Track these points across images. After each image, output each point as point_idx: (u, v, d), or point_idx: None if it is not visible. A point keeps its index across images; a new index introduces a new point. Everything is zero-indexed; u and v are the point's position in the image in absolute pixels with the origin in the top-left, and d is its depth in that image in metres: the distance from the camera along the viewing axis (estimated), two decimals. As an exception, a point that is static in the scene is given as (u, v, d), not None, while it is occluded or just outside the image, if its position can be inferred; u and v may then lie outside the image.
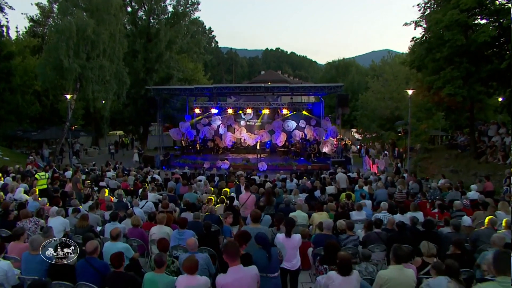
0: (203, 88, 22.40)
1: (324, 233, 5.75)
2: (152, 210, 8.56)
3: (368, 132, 25.49)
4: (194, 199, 10.01)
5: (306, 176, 16.38)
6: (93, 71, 21.06)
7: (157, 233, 5.88)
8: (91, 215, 6.89)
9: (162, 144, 23.49)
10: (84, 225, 5.96)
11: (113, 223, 6.07)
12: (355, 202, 9.26)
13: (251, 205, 8.30)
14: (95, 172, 16.49)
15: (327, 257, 4.41)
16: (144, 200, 8.62)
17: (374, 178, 14.52)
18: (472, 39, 11.53)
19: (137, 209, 7.82)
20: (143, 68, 25.94)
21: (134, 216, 6.04)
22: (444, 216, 7.15)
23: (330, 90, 21.86)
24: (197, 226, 6.31)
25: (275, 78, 52.20)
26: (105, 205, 7.98)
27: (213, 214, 7.73)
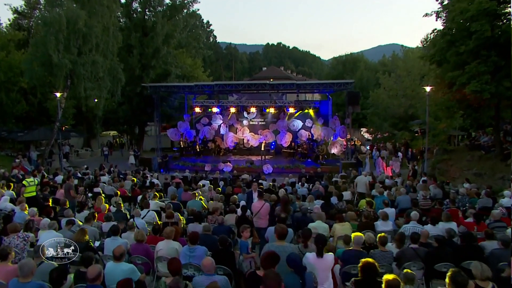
0: (204, 85, 22.00)
1: (354, 249, 5.34)
2: (155, 220, 8.16)
3: (379, 132, 25.08)
4: (200, 207, 9.58)
5: (317, 180, 16.05)
6: (85, 67, 20.60)
7: (164, 249, 5.47)
8: (87, 228, 6.46)
9: (159, 145, 23.04)
10: (82, 240, 5.54)
11: (114, 238, 5.66)
12: (376, 210, 8.89)
13: (265, 215, 7.91)
14: (89, 177, 16.08)
15: (365, 280, 4.00)
16: (146, 210, 8.18)
17: (391, 182, 14.15)
18: (503, 30, 11.11)
19: (138, 220, 7.41)
20: (139, 64, 25.51)
21: (138, 231, 5.61)
22: (482, 228, 6.74)
23: (339, 87, 21.52)
24: (209, 241, 5.89)
25: (278, 75, 51.81)
26: (103, 215, 7.55)
27: (223, 225, 7.32)
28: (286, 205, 7.60)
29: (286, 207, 7.58)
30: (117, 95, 22.36)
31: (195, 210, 7.94)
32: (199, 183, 14.65)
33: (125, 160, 26.92)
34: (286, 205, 7.59)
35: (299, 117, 25.84)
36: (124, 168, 20.72)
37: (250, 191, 10.03)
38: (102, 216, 7.80)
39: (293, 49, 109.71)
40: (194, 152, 24.72)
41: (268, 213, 7.98)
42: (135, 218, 7.43)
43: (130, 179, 14.60)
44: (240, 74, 76.23)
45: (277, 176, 19.64)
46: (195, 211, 7.99)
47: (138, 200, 10.98)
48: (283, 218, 5.87)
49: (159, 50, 25.58)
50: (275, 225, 4.58)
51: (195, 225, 7.15)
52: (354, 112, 22.42)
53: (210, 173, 17.30)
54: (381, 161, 18.75)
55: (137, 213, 7.55)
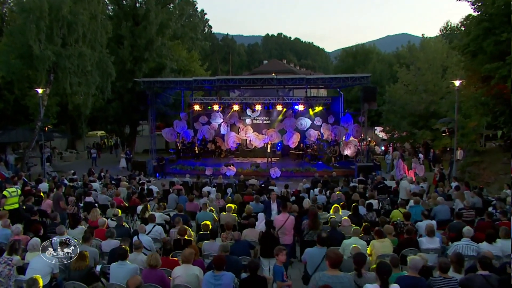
0: (204, 80, 21.47)
1: (410, 275, 4.83)
2: (162, 237, 7.64)
3: (397, 131, 24.65)
4: (211, 220, 9.07)
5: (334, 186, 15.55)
6: (71, 60, 19.98)
7: (182, 276, 4.96)
8: (86, 249, 5.92)
9: (154, 147, 22.49)
10: (82, 267, 5.01)
11: (122, 263, 5.12)
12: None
13: (290, 230, 7.44)
14: (77, 183, 15.52)
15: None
16: (151, 224, 7.65)
17: (417, 188, 13.66)
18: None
19: (143, 237, 6.89)
20: (130, 57, 24.91)
21: (152, 254, 5.07)
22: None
23: (354, 81, 21.07)
24: (233, 265, 5.37)
25: (280, 68, 51.37)
26: (102, 232, 7.03)
27: (241, 241, 6.82)
28: (315, 218, 7.11)
29: (315, 221, 7.09)
30: (108, 92, 21.78)
31: (208, 225, 7.40)
32: (204, 189, 14.14)
33: (115, 163, 26.39)
34: (315, 219, 7.10)
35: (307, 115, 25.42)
36: (116, 173, 20.20)
37: (267, 201, 9.49)
38: (100, 232, 7.28)
39: (295, 40, 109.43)
40: (193, 154, 24.21)
41: (293, 228, 7.50)
42: (140, 235, 6.91)
43: (125, 186, 14.15)
44: (238, 68, 75.71)
45: (285, 181, 19.24)
46: (208, 226, 7.46)
47: (137, 211, 10.44)
48: (324, 238, 5.35)
49: (152, 41, 25.00)
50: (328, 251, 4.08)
51: (211, 243, 6.64)
52: (371, 109, 21.94)
53: (214, 178, 16.73)
54: (402, 163, 18.26)
55: (142, 228, 7.03)
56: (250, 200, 12.29)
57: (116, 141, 34.86)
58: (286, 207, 7.49)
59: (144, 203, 10.09)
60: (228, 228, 7.33)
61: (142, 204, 10.31)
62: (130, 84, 24.81)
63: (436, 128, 21.66)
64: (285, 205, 7.49)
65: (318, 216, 7.50)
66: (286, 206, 7.49)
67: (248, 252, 6.65)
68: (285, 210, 7.45)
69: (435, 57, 22.29)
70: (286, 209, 7.46)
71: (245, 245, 6.69)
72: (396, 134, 25.48)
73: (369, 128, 33.35)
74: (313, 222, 7.06)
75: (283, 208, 7.47)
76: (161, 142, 29.05)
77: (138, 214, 10.27)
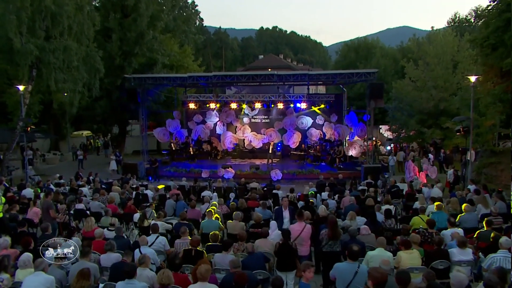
0: (199, 76, 21.14)
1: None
2: (166, 248, 7.35)
3: (405, 130, 24.54)
4: (217, 229, 8.79)
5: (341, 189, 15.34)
6: (56, 54, 19.52)
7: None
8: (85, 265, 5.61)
9: (145, 148, 22.14)
10: (84, 287, 4.69)
11: (129, 282, 4.82)
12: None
13: (307, 240, 7.19)
14: (64, 188, 15.14)
15: None
16: (154, 235, 7.34)
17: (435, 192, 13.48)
18: None
19: (146, 249, 6.59)
20: (119, 52, 24.50)
21: (163, 272, 4.76)
22: None
23: (359, 77, 20.86)
24: (250, 281, 5.09)
25: (277, 64, 51.12)
26: (100, 244, 6.71)
27: (255, 254, 6.54)
28: (335, 227, 6.84)
29: (335, 230, 6.83)
30: (95, 89, 21.36)
31: (217, 235, 7.12)
32: (203, 194, 13.87)
33: (103, 165, 25.95)
34: (335, 228, 6.83)
35: (308, 113, 25.23)
36: (105, 176, 19.81)
37: (278, 208, 9.22)
38: (98, 244, 6.96)
39: (291, 34, 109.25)
40: (187, 156, 23.88)
41: (310, 238, 7.26)
42: (142, 248, 6.60)
43: (118, 191, 13.81)
44: (231, 64, 75.35)
45: (287, 184, 18.99)
46: (217, 236, 7.18)
47: (134, 219, 10.12)
48: (356, 252, 5.09)
49: (143, 34, 24.62)
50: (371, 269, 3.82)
51: (223, 256, 6.35)
52: (377, 107, 21.77)
53: (213, 181, 16.42)
54: (412, 164, 18.13)
55: (143, 240, 6.72)
56: (255, 206, 12.05)
57: (105, 141, 34.41)
58: (302, 215, 7.24)
59: (142, 211, 9.77)
60: (241, 239, 7.05)
61: (139, 211, 9.99)
62: (119, 80, 24.43)
63: (447, 127, 21.55)
64: (301, 213, 7.25)
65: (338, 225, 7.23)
66: (302, 215, 7.24)
67: (263, 265, 6.38)
68: (301, 218, 7.20)
69: (445, 51, 22.17)
70: (302, 217, 7.21)
71: (260, 258, 6.42)
72: (403, 133, 25.37)
73: (373, 127, 33.33)
74: (333, 231, 6.80)
75: (299, 216, 7.22)
76: (153, 142, 28.67)
77: (136, 222, 9.98)
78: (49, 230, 7.57)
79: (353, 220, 8.88)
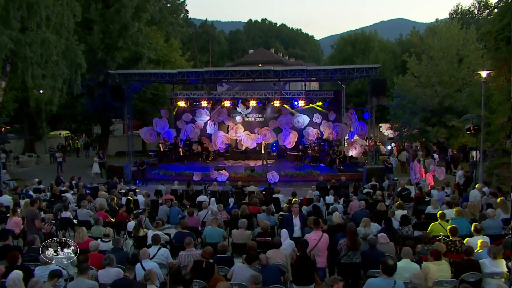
0: (190, 72, 20.83)
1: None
2: (169, 261, 7.08)
3: (407, 128, 24.59)
4: (221, 238, 8.56)
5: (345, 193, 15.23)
6: (33, 48, 18.87)
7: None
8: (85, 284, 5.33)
9: (131, 149, 21.77)
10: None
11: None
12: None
13: (324, 251, 7.01)
14: (45, 195, 14.72)
15: None
16: (155, 247, 7.07)
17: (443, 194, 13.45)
18: None
19: (149, 264, 6.34)
20: (102, 45, 24.00)
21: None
22: None
23: (361, 73, 20.87)
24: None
25: (268, 59, 50.99)
26: (98, 258, 6.42)
27: (269, 266, 6.31)
28: (355, 237, 6.67)
29: (355, 240, 6.65)
30: (77, 85, 20.86)
31: (226, 246, 6.87)
32: (200, 199, 13.62)
33: (84, 168, 25.48)
34: (354, 237, 6.66)
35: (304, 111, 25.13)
36: (88, 180, 19.39)
37: (287, 215, 9.00)
38: (94, 258, 6.65)
39: (281, 26, 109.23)
40: (177, 157, 23.56)
41: (328, 248, 7.07)
42: (143, 261, 6.33)
43: (105, 197, 13.45)
44: (219, 58, 74.91)
45: (285, 186, 18.86)
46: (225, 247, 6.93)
47: (128, 228, 9.80)
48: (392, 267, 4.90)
49: (127, 26, 24.13)
50: None
51: (243, 268, 6.09)
52: (380, 104, 21.78)
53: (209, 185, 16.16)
54: (418, 165, 18.11)
55: (145, 253, 6.46)
56: (256, 212, 11.85)
57: (86, 141, 33.85)
58: (318, 223, 7.05)
59: (137, 219, 9.46)
60: (252, 249, 6.80)
61: (134, 219, 9.67)
62: (101, 76, 23.98)
63: (452, 125, 21.64)
64: (318, 221, 7.05)
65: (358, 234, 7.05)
66: (318, 223, 7.05)
67: (279, 278, 6.16)
68: (318, 227, 7.02)
69: (451, 45, 22.23)
70: (318, 226, 7.03)
71: (275, 271, 6.20)
72: (405, 131, 25.42)
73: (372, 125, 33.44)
74: (352, 241, 6.63)
75: (315, 224, 7.02)
76: (138, 143, 28.28)
77: (130, 232, 9.66)
78: (36, 243, 7.22)
79: (368, 227, 8.71)
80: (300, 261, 6.19)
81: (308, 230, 7.86)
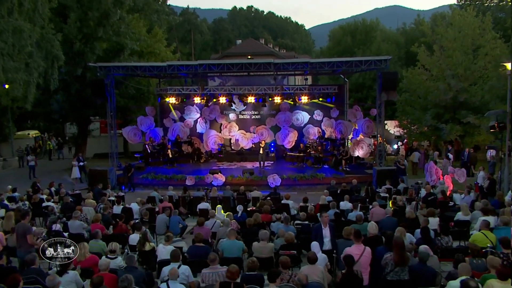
0: (182, 65, 20.43)
1: None
2: (190, 280, 6.80)
3: (418, 125, 24.63)
4: (240, 252, 8.29)
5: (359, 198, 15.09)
6: (4, 37, 18.30)
7: None
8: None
9: (115, 150, 21.32)
10: None
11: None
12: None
13: (367, 267, 6.80)
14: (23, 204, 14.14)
15: None
16: (174, 264, 6.76)
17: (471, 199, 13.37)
18: None
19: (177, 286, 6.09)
20: (79, 35, 23.36)
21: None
22: None
23: (369, 65, 20.73)
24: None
25: (258, 50, 50.74)
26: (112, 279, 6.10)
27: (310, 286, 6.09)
28: (403, 251, 6.46)
29: (402, 254, 6.45)
30: (54, 80, 20.31)
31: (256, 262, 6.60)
32: (201, 207, 13.32)
33: (59, 172, 24.87)
34: (402, 252, 6.46)
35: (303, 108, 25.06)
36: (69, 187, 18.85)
37: (316, 226, 8.75)
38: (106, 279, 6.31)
39: (268, 15, 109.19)
40: (166, 159, 23.16)
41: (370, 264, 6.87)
42: (170, 283, 6.04)
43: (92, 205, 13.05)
44: (201, 50, 74.44)
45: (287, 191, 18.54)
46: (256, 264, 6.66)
47: (129, 241, 9.44)
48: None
49: (108, 14, 23.55)
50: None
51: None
52: (391, 100, 21.72)
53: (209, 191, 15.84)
54: (434, 166, 18.10)
55: (174, 273, 6.17)
56: (268, 220, 11.60)
57: (59, 142, 33.18)
58: (360, 235, 6.85)
59: (142, 232, 9.10)
60: (285, 266, 6.55)
61: (138, 231, 9.30)
62: (79, 70, 23.35)
63: (468, 122, 21.76)
64: (359, 233, 6.84)
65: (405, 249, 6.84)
66: (360, 235, 6.85)
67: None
68: (359, 239, 6.81)
69: (467, 34, 22.26)
70: (360, 238, 6.81)
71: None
72: (415, 129, 25.48)
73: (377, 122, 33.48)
74: (400, 255, 6.43)
75: (356, 237, 6.81)
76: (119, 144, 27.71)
77: (133, 245, 9.29)
78: (36, 263, 6.83)
79: (404, 238, 8.55)
80: (347, 280, 5.97)
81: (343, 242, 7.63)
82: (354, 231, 7.08)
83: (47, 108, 25.36)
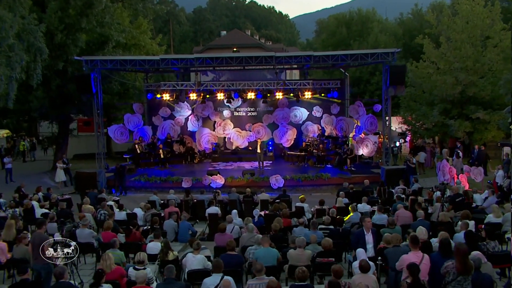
0: (175, 59, 20.12)
1: None
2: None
3: (424, 122, 24.80)
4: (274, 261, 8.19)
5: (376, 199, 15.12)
6: (-18, 28, 17.86)
7: None
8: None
9: (103, 151, 20.94)
10: None
11: None
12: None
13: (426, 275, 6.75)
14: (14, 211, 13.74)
15: None
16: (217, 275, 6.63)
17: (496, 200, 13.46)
18: None
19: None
20: (61, 26, 22.76)
21: None
22: None
23: (375, 58, 20.77)
24: None
25: (245, 42, 50.45)
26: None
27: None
28: (466, 259, 6.41)
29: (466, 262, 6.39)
30: (36, 75, 19.78)
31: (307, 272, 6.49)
32: (212, 212, 13.13)
33: (38, 175, 24.28)
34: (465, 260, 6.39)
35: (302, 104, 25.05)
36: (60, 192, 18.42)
37: (358, 231, 8.69)
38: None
39: (250, 4, 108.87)
40: (158, 160, 22.88)
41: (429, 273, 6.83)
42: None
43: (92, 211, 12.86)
44: (181, 41, 73.76)
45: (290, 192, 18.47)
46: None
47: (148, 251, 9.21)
48: None
49: (91, 3, 23.01)
50: None
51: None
52: (398, 95, 21.86)
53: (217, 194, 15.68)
54: (447, 165, 18.27)
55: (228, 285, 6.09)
56: (288, 225, 11.54)
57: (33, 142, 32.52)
58: (418, 242, 6.80)
59: (164, 240, 8.90)
60: (338, 275, 6.46)
61: (157, 240, 9.09)
62: (60, 64, 22.77)
63: (477, 118, 22.01)
64: (417, 239, 6.78)
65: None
66: (418, 241, 6.79)
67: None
68: (417, 246, 6.75)
69: (476, 25, 22.41)
70: (418, 244, 6.76)
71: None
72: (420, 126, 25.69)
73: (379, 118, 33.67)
74: (463, 263, 6.37)
75: (413, 243, 6.76)
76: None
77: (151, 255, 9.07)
78: (65, 276, 6.59)
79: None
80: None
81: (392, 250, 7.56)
82: (411, 237, 7.02)
83: (25, 105, 24.66)
